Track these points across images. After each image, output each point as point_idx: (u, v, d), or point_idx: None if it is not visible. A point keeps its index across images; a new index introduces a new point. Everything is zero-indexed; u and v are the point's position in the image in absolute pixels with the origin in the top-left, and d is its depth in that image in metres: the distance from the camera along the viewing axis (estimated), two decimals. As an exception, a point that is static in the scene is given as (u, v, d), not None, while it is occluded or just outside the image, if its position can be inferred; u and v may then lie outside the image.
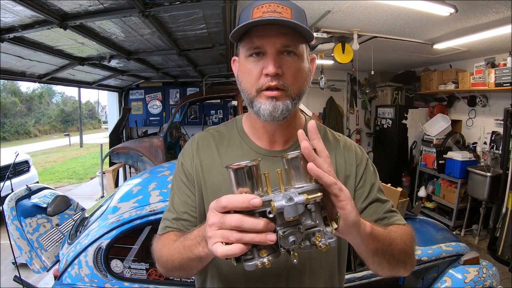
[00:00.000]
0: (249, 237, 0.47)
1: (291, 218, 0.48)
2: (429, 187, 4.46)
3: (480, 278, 1.89)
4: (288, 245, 0.49)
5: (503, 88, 3.40)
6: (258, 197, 0.48)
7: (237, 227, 0.48)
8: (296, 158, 0.53)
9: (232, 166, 0.52)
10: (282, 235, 0.49)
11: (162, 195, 1.63)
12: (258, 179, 0.53)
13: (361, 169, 0.79)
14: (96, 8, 1.71)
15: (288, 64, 0.68)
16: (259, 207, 0.48)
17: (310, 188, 0.51)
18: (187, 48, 2.91)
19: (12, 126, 17.38)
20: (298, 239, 0.49)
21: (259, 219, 0.48)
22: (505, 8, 2.29)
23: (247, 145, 0.79)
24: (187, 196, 0.78)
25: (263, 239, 0.47)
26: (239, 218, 0.48)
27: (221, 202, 0.49)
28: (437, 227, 2.34)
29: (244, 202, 0.48)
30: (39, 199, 1.92)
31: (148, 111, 5.53)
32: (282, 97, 0.68)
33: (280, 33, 0.66)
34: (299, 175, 0.53)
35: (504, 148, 3.42)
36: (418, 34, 3.10)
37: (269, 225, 0.48)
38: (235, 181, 0.53)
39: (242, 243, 0.47)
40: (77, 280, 1.54)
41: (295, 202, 0.47)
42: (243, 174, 0.52)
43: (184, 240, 0.64)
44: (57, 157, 11.85)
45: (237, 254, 0.48)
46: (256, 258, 0.50)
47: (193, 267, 0.64)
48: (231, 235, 0.48)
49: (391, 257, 0.65)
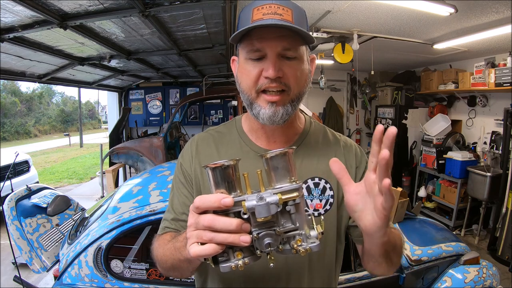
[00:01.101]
0: (221, 237, 0.47)
1: (262, 218, 0.46)
2: (429, 187, 4.46)
3: (480, 278, 1.89)
4: (263, 248, 0.47)
5: (503, 88, 3.40)
6: (229, 197, 0.47)
7: (209, 227, 0.47)
8: (276, 157, 0.51)
9: (209, 165, 0.51)
10: (257, 237, 0.47)
11: (162, 195, 1.63)
12: (236, 179, 0.52)
13: (361, 171, 0.79)
14: (96, 8, 1.71)
15: (288, 67, 0.67)
16: (231, 206, 0.47)
17: (288, 188, 0.49)
18: (187, 48, 2.91)
19: (12, 126, 17.38)
20: (275, 242, 0.48)
21: (232, 219, 0.47)
22: (505, 8, 2.29)
23: (247, 145, 0.79)
24: (185, 197, 0.78)
25: (236, 239, 0.46)
26: (211, 218, 0.47)
27: (194, 202, 0.49)
28: (437, 227, 2.34)
29: (215, 202, 0.47)
30: (39, 199, 1.91)
31: (148, 111, 5.53)
32: (282, 101, 0.68)
33: (280, 36, 0.65)
34: (279, 175, 0.51)
35: (504, 148, 3.42)
36: (418, 34, 3.10)
37: (244, 226, 0.47)
38: (213, 181, 0.51)
39: (215, 243, 0.47)
40: (77, 280, 1.54)
41: (267, 202, 0.46)
42: (220, 173, 0.51)
43: (175, 242, 0.64)
44: (57, 157, 11.85)
45: (210, 255, 0.47)
46: (231, 260, 0.49)
47: (184, 268, 0.64)
48: (204, 234, 0.48)
49: (391, 259, 0.67)
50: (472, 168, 3.70)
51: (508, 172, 3.27)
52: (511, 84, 3.30)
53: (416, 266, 1.84)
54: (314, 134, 0.82)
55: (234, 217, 0.48)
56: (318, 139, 0.82)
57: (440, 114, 4.59)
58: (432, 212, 4.35)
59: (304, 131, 0.82)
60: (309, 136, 0.81)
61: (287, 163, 0.51)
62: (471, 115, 4.35)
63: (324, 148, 0.80)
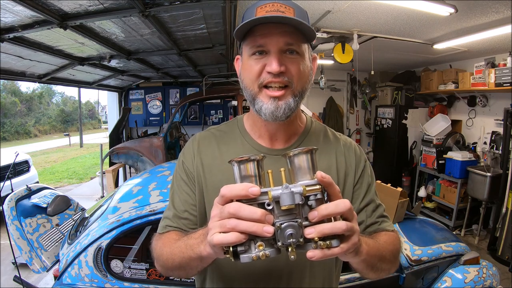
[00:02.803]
0: (245, 225, 0.47)
1: (286, 206, 0.47)
2: (429, 187, 4.46)
3: (480, 278, 1.89)
4: (285, 239, 0.48)
5: (503, 88, 3.40)
6: (256, 186, 0.48)
7: (234, 215, 0.48)
8: (298, 155, 0.53)
9: (235, 159, 0.52)
10: (279, 227, 0.48)
11: (162, 195, 1.63)
12: (262, 175, 0.53)
13: (360, 170, 0.80)
14: (96, 8, 1.71)
15: (291, 62, 0.68)
16: (258, 195, 0.48)
17: (311, 183, 0.51)
18: (187, 48, 2.91)
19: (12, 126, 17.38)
20: (297, 233, 0.48)
21: (257, 208, 0.48)
22: (505, 8, 2.29)
23: (249, 143, 0.79)
24: (187, 194, 0.78)
25: (259, 229, 0.47)
26: (237, 205, 0.48)
27: (221, 191, 0.50)
28: (437, 227, 2.34)
29: (242, 190, 0.48)
30: (39, 199, 1.91)
31: (148, 111, 5.53)
32: (285, 96, 0.69)
33: (283, 31, 0.66)
34: (302, 172, 0.53)
35: (504, 148, 3.42)
36: (418, 34, 3.10)
37: (267, 217, 0.48)
38: (238, 175, 0.53)
39: (238, 232, 0.47)
40: (77, 280, 1.54)
41: (292, 191, 0.47)
42: (246, 167, 0.52)
43: (187, 239, 0.64)
44: (57, 157, 11.85)
45: (233, 243, 0.48)
46: (252, 251, 0.49)
47: (193, 267, 0.64)
48: (228, 222, 0.48)
49: (378, 268, 0.68)
50: (472, 168, 3.70)
51: (508, 172, 3.27)
52: (511, 84, 3.30)
53: (416, 266, 1.84)
54: (315, 133, 0.83)
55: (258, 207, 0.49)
56: (319, 138, 0.82)
57: (440, 114, 4.59)
58: (432, 212, 4.35)
59: (305, 130, 0.82)
60: (310, 135, 0.82)
61: (309, 161, 0.53)
62: (471, 115, 4.35)
63: (324, 147, 0.80)
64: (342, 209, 0.49)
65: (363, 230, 0.78)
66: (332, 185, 0.51)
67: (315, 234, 0.47)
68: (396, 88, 5.22)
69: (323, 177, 0.50)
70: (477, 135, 4.25)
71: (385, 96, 5.36)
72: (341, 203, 0.50)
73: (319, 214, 0.48)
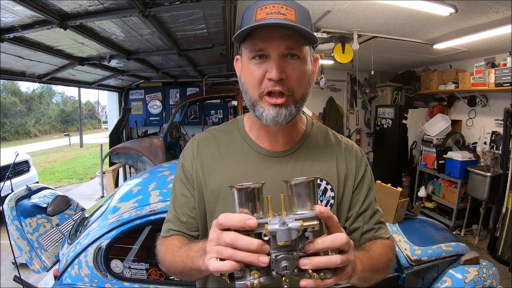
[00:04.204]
0: (241, 255, 0.48)
1: (282, 242, 0.48)
2: (429, 187, 4.46)
3: (480, 278, 1.89)
4: (280, 270, 0.49)
5: (503, 88, 3.40)
6: (254, 218, 0.48)
7: (231, 244, 0.48)
8: (300, 184, 0.53)
9: (235, 186, 0.53)
10: (275, 259, 0.49)
11: (162, 195, 1.63)
12: (260, 201, 0.54)
13: (360, 174, 0.80)
14: (96, 8, 1.71)
15: (291, 68, 0.66)
16: (255, 228, 0.48)
17: (309, 216, 0.51)
18: (187, 48, 2.91)
19: (12, 126, 17.38)
20: (291, 265, 0.49)
21: (254, 239, 0.48)
22: (505, 8, 2.29)
23: (249, 145, 0.79)
24: (186, 197, 0.78)
25: (255, 259, 0.47)
26: (234, 236, 0.49)
27: (219, 219, 0.50)
28: (437, 227, 2.33)
29: (240, 221, 0.48)
30: (39, 199, 1.91)
31: (148, 111, 5.53)
32: (286, 103, 0.68)
33: (283, 35, 0.64)
34: (302, 201, 0.53)
35: (504, 148, 3.42)
36: (418, 34, 3.10)
37: (264, 247, 0.48)
38: (237, 201, 0.53)
39: (234, 261, 0.48)
40: (77, 280, 1.54)
41: (289, 227, 0.48)
42: (245, 194, 0.53)
43: (188, 250, 0.65)
44: (57, 157, 11.84)
45: (228, 271, 0.49)
46: (247, 277, 0.50)
47: (193, 276, 0.66)
48: (225, 251, 0.49)
49: (371, 280, 0.68)
50: (472, 168, 3.70)
51: (508, 172, 3.27)
52: (511, 84, 3.30)
53: (416, 266, 1.84)
54: (316, 135, 0.82)
55: (255, 237, 0.49)
56: (320, 141, 0.81)
57: (440, 114, 4.59)
58: (432, 212, 4.35)
59: (306, 132, 0.81)
60: (311, 137, 0.81)
61: (310, 191, 0.53)
62: (471, 115, 4.35)
63: (326, 149, 0.80)
64: (338, 244, 0.50)
65: (359, 236, 0.78)
66: (331, 218, 0.51)
67: (310, 266, 0.48)
68: (396, 88, 5.22)
69: (322, 212, 0.50)
70: (477, 135, 4.24)
71: (385, 96, 5.36)
72: (337, 238, 0.50)
73: (314, 248, 0.49)
